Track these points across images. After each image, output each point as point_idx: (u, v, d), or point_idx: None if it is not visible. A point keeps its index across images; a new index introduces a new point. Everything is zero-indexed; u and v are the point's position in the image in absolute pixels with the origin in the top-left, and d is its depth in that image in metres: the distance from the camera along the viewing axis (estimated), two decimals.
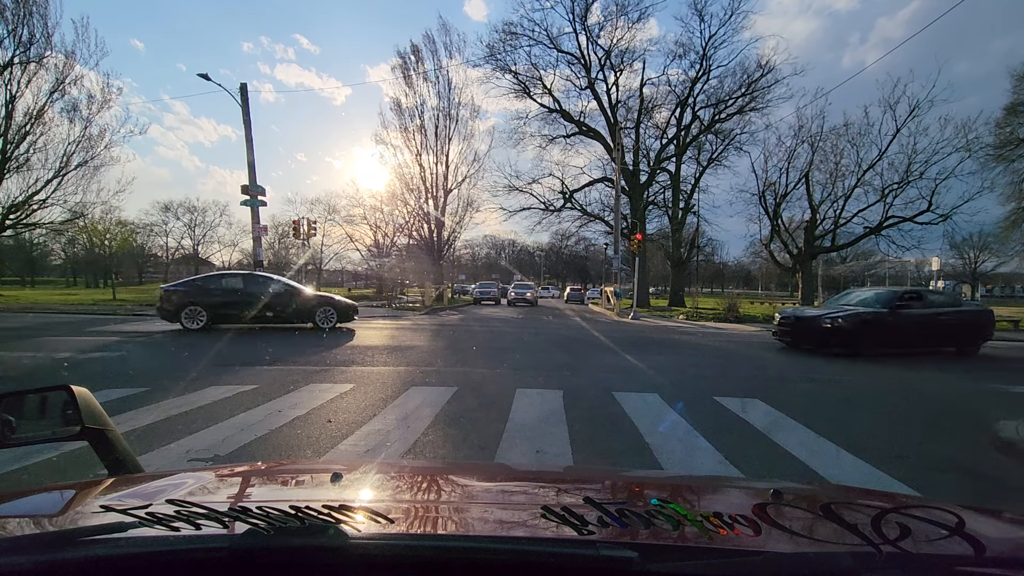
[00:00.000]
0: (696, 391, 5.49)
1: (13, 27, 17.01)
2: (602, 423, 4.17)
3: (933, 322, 9.34)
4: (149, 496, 0.82)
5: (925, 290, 10.33)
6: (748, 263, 63.34)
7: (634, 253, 21.31)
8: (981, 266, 53.73)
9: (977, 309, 10.17)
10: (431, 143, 27.83)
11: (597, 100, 28.29)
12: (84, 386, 1.00)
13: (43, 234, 32.32)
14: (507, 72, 28.18)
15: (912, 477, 3.11)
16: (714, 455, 3.42)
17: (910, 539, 0.53)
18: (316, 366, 6.51)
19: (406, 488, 0.97)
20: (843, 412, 4.85)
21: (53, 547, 0.58)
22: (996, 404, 5.42)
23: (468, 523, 0.75)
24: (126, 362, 6.70)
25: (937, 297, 10.22)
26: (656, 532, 0.57)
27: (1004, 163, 21.24)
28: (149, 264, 54.26)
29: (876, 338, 8.86)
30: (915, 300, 9.45)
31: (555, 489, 1.01)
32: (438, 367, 6.71)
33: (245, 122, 16.70)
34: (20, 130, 17.69)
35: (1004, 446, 3.79)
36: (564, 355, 8.18)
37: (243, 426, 3.83)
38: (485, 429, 3.90)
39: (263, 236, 17.71)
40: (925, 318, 9.29)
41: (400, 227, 33.58)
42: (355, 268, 47.30)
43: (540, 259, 67.95)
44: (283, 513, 0.55)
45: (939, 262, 17.03)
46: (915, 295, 9.63)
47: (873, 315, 9.00)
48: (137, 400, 4.52)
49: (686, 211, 30.36)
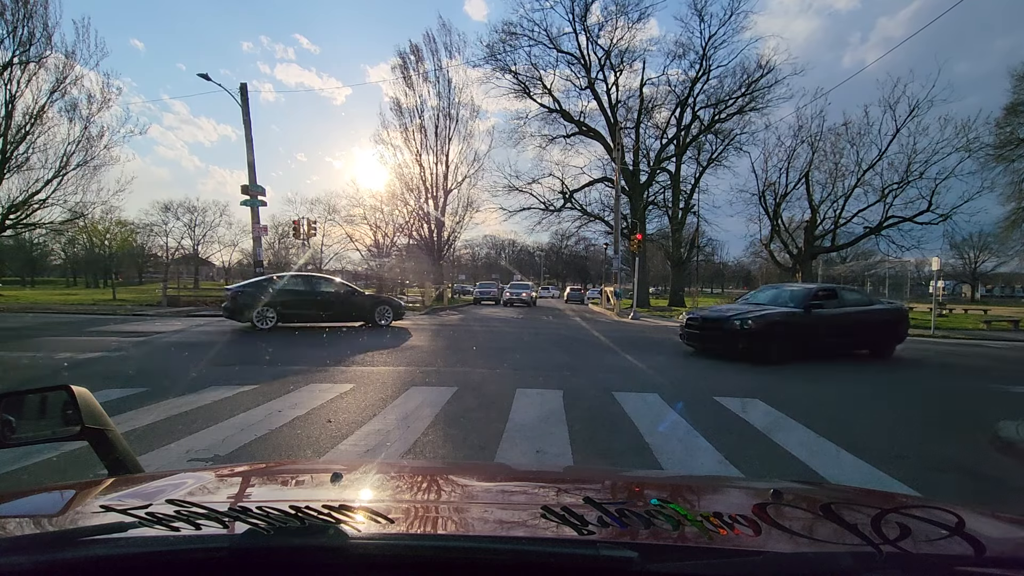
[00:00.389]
0: (696, 391, 5.49)
1: (13, 27, 17.01)
2: (602, 423, 4.17)
3: (849, 323, 8.52)
4: (149, 496, 0.82)
5: (839, 287, 9.34)
6: (748, 263, 63.28)
7: (634, 253, 21.30)
8: (981, 266, 53.78)
9: (892, 308, 9.38)
10: (431, 143, 27.84)
11: (597, 100, 28.33)
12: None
13: (43, 234, 32.38)
14: (507, 72, 28.23)
15: (912, 477, 3.11)
16: (714, 455, 3.42)
17: (910, 539, 0.53)
18: (316, 366, 6.52)
19: (406, 488, 0.97)
20: (843, 412, 4.85)
21: (53, 547, 0.58)
22: (996, 404, 5.42)
23: (468, 523, 0.75)
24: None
25: (852, 295, 9.29)
26: (656, 532, 0.57)
27: (1004, 163, 21.25)
28: (149, 264, 54.23)
29: (790, 342, 7.83)
30: (830, 298, 8.58)
31: (555, 489, 1.01)
32: (438, 367, 6.71)
33: (245, 122, 16.70)
34: (20, 130, 17.68)
35: (1004, 446, 3.79)
36: (564, 355, 8.18)
37: (243, 426, 3.83)
38: (485, 429, 3.90)
39: (263, 236, 17.71)
40: (841, 318, 8.43)
41: (400, 227, 33.55)
42: (355, 268, 47.19)
43: (540, 259, 67.94)
44: (283, 513, 0.55)
45: (939, 262, 17.01)
46: (829, 292, 8.75)
47: (787, 316, 7.98)
48: (137, 400, 4.52)
49: (686, 211, 30.38)
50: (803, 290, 8.78)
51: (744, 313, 7.94)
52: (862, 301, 9.10)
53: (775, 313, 7.94)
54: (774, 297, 9.03)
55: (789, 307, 8.23)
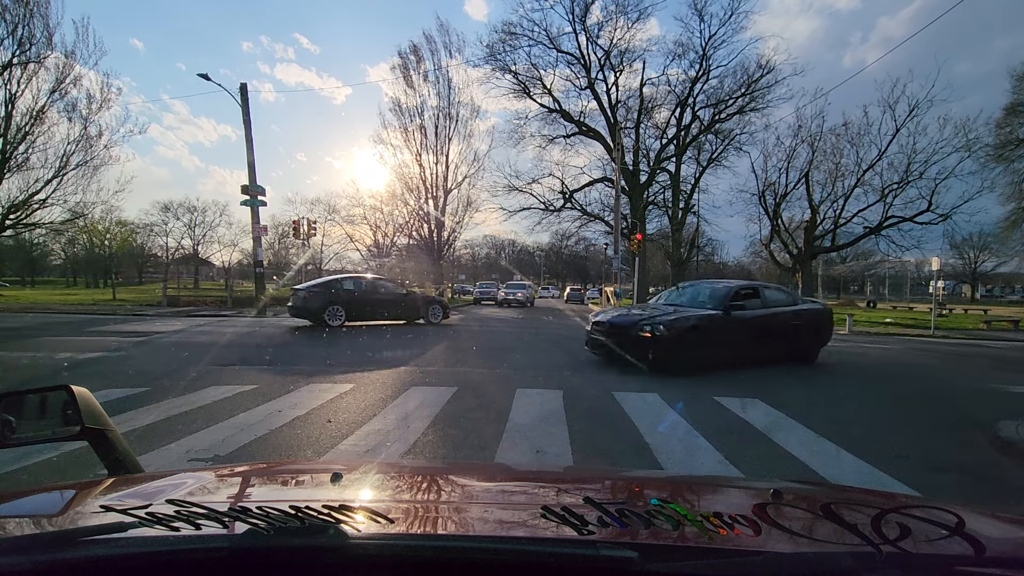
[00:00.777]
0: (696, 391, 5.49)
1: (13, 27, 17.01)
2: (602, 423, 4.17)
3: (773, 325, 7.55)
4: (149, 496, 0.82)
5: (762, 284, 8.34)
6: (748, 263, 63.27)
7: (634, 253, 21.31)
8: (981, 266, 53.79)
9: (817, 308, 8.44)
10: (431, 143, 27.87)
11: (597, 100, 28.29)
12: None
13: (43, 234, 32.37)
14: (507, 72, 28.16)
15: (912, 477, 3.11)
16: (714, 455, 3.42)
17: (910, 539, 0.53)
18: (316, 366, 6.51)
19: (406, 488, 0.97)
20: (843, 412, 4.85)
21: (53, 547, 0.58)
22: (996, 404, 5.42)
23: (468, 523, 0.75)
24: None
25: (776, 294, 8.19)
26: (656, 532, 0.57)
27: (1004, 163, 21.27)
28: (149, 264, 54.21)
29: (707, 349, 6.78)
30: (752, 297, 7.60)
31: (555, 489, 1.01)
32: (438, 367, 6.71)
33: (245, 122, 16.70)
34: (20, 130, 17.67)
35: (1004, 446, 3.79)
36: (564, 355, 8.18)
37: (243, 426, 3.83)
38: (485, 429, 3.90)
39: (263, 236, 17.72)
40: (764, 321, 7.46)
41: (400, 227, 33.62)
42: (355, 268, 47.30)
43: (540, 259, 67.94)
44: (283, 513, 0.55)
45: (939, 262, 17.01)
46: (752, 291, 7.73)
47: (704, 319, 6.93)
48: (138, 400, 4.52)
49: (686, 211, 30.35)
50: (723, 288, 7.71)
51: (654, 317, 6.84)
52: (787, 301, 8.12)
53: (690, 316, 6.90)
54: (692, 297, 7.97)
55: (707, 309, 7.23)
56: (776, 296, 8.09)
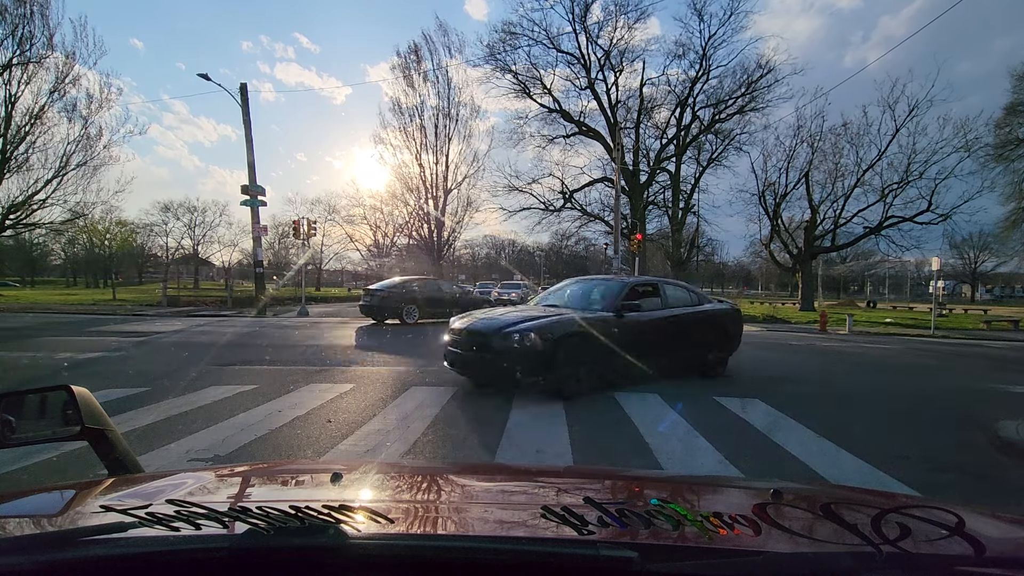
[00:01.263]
0: (696, 391, 5.49)
1: (13, 27, 17.03)
2: (602, 423, 4.17)
3: (675, 330, 6.18)
4: (149, 496, 0.82)
5: (661, 280, 6.91)
6: (748, 263, 63.35)
7: (634, 253, 21.32)
8: (981, 266, 53.79)
9: (724, 309, 7.22)
10: (431, 143, 27.94)
11: (597, 100, 28.30)
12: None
13: (43, 234, 32.34)
14: (507, 72, 28.16)
15: (912, 477, 3.11)
16: (714, 455, 3.42)
17: (910, 539, 0.53)
18: (316, 366, 6.51)
19: (406, 488, 0.97)
20: (843, 412, 4.85)
21: (53, 547, 0.58)
22: (996, 404, 5.42)
23: (468, 523, 0.75)
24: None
25: (677, 292, 6.74)
26: (656, 532, 0.57)
27: (1004, 163, 21.31)
28: (149, 264, 54.16)
29: (592, 362, 5.24)
30: (650, 296, 6.29)
31: (555, 489, 1.01)
32: (438, 367, 6.70)
33: (245, 122, 16.70)
34: (20, 130, 17.71)
35: (1004, 446, 3.79)
36: None
37: (243, 426, 3.83)
38: (485, 429, 3.90)
39: (263, 236, 17.72)
40: (665, 324, 6.10)
41: (400, 227, 33.67)
42: (355, 268, 47.29)
43: (540, 259, 67.90)
44: (283, 513, 0.55)
45: (939, 262, 17.01)
46: (649, 288, 6.42)
47: (590, 323, 5.31)
48: (138, 400, 4.52)
49: (686, 211, 30.34)
50: (617, 285, 6.27)
51: (523, 322, 5.16)
52: (690, 300, 6.73)
53: (569, 321, 5.27)
54: (581, 294, 6.46)
55: (594, 310, 5.77)
56: (679, 294, 6.70)
